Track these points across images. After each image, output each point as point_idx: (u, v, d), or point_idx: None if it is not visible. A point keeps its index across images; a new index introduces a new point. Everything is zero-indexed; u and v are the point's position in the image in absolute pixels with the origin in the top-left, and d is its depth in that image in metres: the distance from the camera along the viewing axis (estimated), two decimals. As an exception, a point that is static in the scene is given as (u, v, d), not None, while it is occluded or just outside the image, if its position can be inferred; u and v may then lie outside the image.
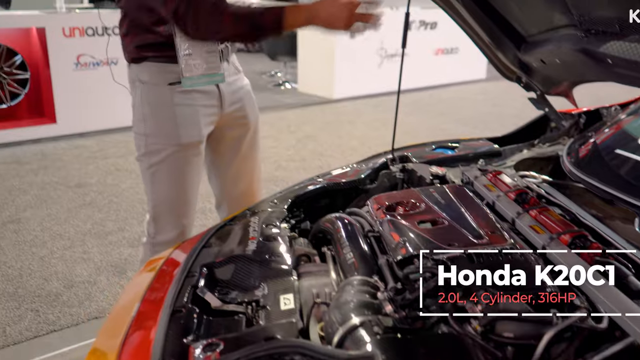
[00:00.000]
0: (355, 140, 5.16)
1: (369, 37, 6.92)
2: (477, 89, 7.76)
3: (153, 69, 1.69)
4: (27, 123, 5.07)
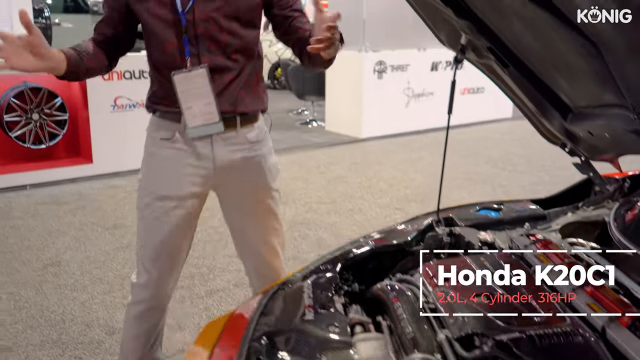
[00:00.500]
0: (383, 182, 5.20)
1: (396, 77, 7.03)
2: (504, 128, 7.79)
3: (154, 122, 1.83)
4: (64, 163, 5.21)
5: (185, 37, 1.68)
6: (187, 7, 1.66)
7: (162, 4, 1.66)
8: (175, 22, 1.67)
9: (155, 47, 1.73)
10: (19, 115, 5.00)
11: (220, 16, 1.67)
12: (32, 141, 5.09)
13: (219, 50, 1.70)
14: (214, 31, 1.68)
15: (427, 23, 1.78)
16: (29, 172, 4.99)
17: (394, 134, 7.15)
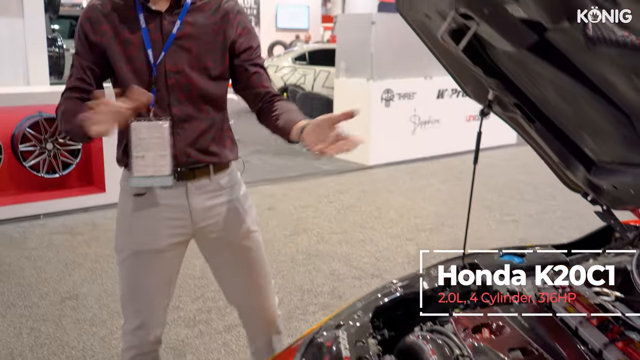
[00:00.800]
0: (393, 211, 5.25)
1: (403, 105, 7.11)
2: (508, 154, 7.85)
3: (126, 176, 1.80)
4: (77, 192, 5.27)
5: (153, 88, 1.70)
6: (158, 58, 1.70)
7: (137, 55, 1.69)
8: (145, 72, 1.70)
9: (123, 95, 1.71)
10: (33, 145, 5.06)
11: (190, 68, 1.71)
12: (45, 170, 5.15)
13: (189, 101, 1.73)
14: (184, 82, 1.72)
15: (452, 75, 1.84)
16: (43, 202, 5.03)
17: (401, 160, 7.22)
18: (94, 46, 1.70)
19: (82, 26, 1.73)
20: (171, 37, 1.70)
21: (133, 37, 1.69)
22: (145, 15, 1.70)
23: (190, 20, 1.72)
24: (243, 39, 1.78)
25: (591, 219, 5.33)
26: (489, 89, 1.62)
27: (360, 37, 6.94)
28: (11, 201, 4.98)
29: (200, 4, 1.74)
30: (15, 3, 6.04)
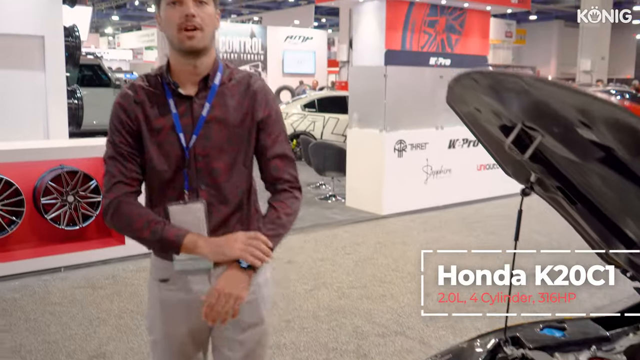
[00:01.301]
0: (410, 264, 5.28)
1: (416, 155, 7.21)
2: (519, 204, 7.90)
3: (152, 261, 1.87)
4: (97, 245, 5.31)
5: (185, 171, 1.72)
6: (190, 142, 1.71)
7: (170, 139, 1.71)
8: (178, 156, 1.71)
9: (155, 179, 1.75)
10: (55, 197, 5.13)
11: (219, 151, 1.73)
12: (66, 223, 5.21)
13: (216, 185, 1.74)
14: (213, 166, 1.73)
15: (493, 156, 1.91)
16: (64, 255, 5.08)
17: (414, 210, 7.27)
18: (130, 132, 1.71)
19: (117, 115, 1.74)
20: (201, 120, 1.72)
21: (164, 122, 1.72)
22: (175, 100, 1.73)
23: (219, 102, 1.74)
24: (269, 123, 1.79)
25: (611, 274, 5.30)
26: (532, 172, 1.69)
27: (373, 88, 7.08)
28: (33, 254, 5.03)
29: (229, 84, 1.76)
30: (38, 57, 6.21)
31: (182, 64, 1.70)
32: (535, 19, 37.36)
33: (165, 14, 1.66)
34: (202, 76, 1.72)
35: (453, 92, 1.46)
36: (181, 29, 1.63)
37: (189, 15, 1.61)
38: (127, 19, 41.11)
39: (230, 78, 1.77)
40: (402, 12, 13.57)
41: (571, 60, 38.34)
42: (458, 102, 1.55)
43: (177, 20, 1.63)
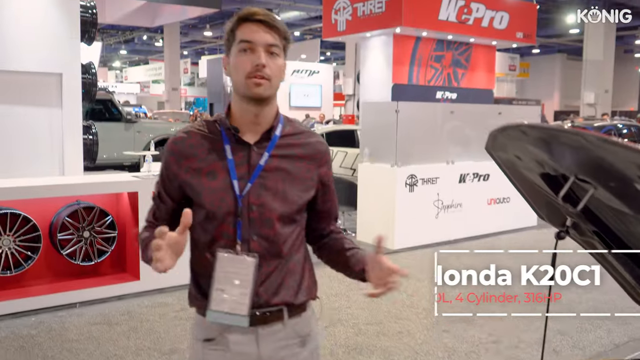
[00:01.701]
0: (425, 300, 5.26)
1: (427, 190, 7.23)
2: (530, 237, 7.91)
3: (196, 319, 1.76)
4: (112, 280, 5.32)
5: (239, 221, 1.65)
6: (244, 190, 1.66)
7: (223, 186, 1.66)
8: (230, 204, 1.65)
9: (205, 228, 1.69)
10: (71, 233, 5.16)
11: (273, 203, 1.67)
12: (81, 258, 5.23)
13: (268, 237, 1.67)
14: (266, 217, 1.66)
15: (528, 201, 1.94)
16: (79, 291, 5.08)
17: (425, 244, 7.27)
18: (176, 180, 1.69)
19: (167, 159, 1.71)
20: (258, 169, 1.67)
21: (219, 168, 1.67)
22: (232, 147, 1.68)
23: (278, 153, 1.70)
24: (328, 184, 1.80)
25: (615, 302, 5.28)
26: (568, 216, 1.71)
27: (385, 123, 7.15)
28: (48, 290, 5.03)
29: (289, 138, 1.73)
30: (56, 94, 6.31)
31: (245, 111, 1.67)
32: (538, 52, 37.78)
33: (236, 60, 1.64)
34: (262, 125, 1.69)
35: (496, 140, 1.50)
36: (250, 76, 1.60)
37: (260, 65, 1.60)
38: (134, 53, 41.70)
39: (291, 132, 1.74)
40: (409, 47, 13.74)
41: (574, 93, 38.63)
42: (498, 149, 1.59)
43: (247, 68, 1.61)
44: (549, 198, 1.68)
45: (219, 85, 18.31)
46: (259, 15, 1.63)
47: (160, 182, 1.74)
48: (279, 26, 1.65)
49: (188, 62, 35.74)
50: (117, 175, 5.81)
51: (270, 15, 1.65)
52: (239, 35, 1.64)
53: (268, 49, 1.63)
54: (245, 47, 1.62)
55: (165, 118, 20.94)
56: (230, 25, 1.68)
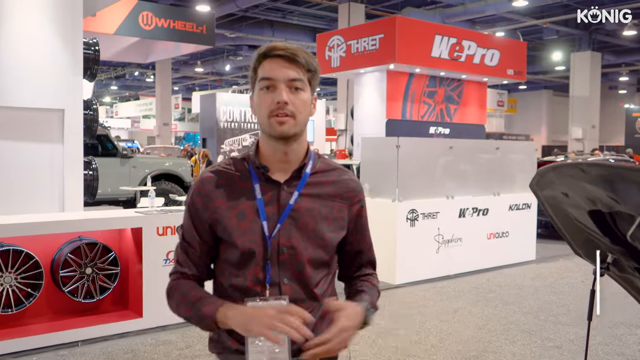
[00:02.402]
0: (432, 336, 5.21)
1: (428, 224, 7.23)
2: (530, 272, 7.90)
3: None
4: (114, 318, 5.22)
5: (268, 264, 1.58)
6: (273, 231, 1.59)
7: (253, 227, 1.59)
8: (259, 246, 1.59)
9: (232, 271, 1.63)
10: (73, 270, 5.09)
11: (304, 244, 1.60)
12: (83, 295, 5.15)
13: (300, 281, 1.61)
14: (297, 260, 1.60)
15: (566, 239, 1.94)
16: (81, 329, 4.98)
17: (427, 279, 7.25)
18: (204, 223, 1.64)
19: (194, 200, 1.66)
20: (288, 209, 1.61)
21: (247, 208, 1.61)
22: (262, 186, 1.63)
23: (309, 192, 1.64)
24: (362, 223, 1.74)
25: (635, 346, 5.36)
26: (609, 253, 1.71)
27: (385, 159, 7.19)
28: (49, 328, 4.92)
29: (320, 175, 1.67)
30: (57, 130, 6.29)
31: (273, 149, 1.62)
32: (525, 89, 38.42)
33: (258, 98, 1.60)
34: (292, 163, 1.63)
35: (544, 177, 1.51)
36: (272, 114, 1.56)
37: (281, 102, 1.54)
38: (125, 89, 41.92)
39: (322, 168, 1.68)
40: (403, 83, 13.92)
41: (561, 128, 39.25)
42: (544, 187, 1.60)
43: (269, 106, 1.56)
44: (590, 235, 1.69)
45: (212, 120, 18.43)
46: (278, 50, 1.58)
47: (189, 224, 1.66)
48: (300, 60, 1.58)
49: (179, 98, 35.93)
50: (120, 211, 5.78)
51: (290, 49, 1.59)
52: (260, 72, 1.59)
53: (290, 84, 1.57)
54: (266, 84, 1.57)
55: (157, 153, 20.91)
56: (252, 64, 1.63)
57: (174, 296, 1.66)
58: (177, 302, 1.65)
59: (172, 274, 1.71)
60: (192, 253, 1.67)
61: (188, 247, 1.67)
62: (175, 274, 1.70)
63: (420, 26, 13.77)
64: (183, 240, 1.69)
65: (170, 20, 16.98)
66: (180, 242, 1.70)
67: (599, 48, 27.67)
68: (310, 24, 25.94)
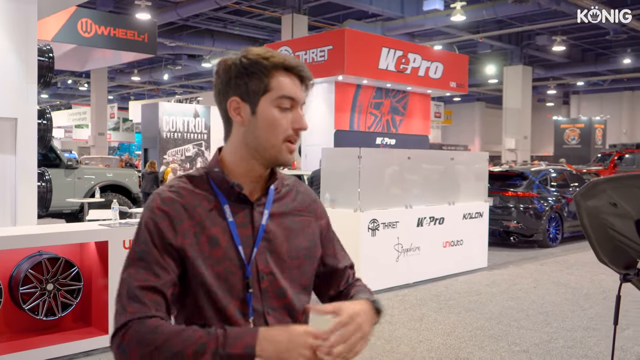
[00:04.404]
0: (403, 344, 5.27)
1: (388, 234, 7.32)
2: (485, 279, 8.12)
3: None
4: (78, 335, 5.01)
5: (249, 293, 1.40)
6: (250, 257, 1.41)
7: (226, 254, 1.39)
8: (237, 275, 1.40)
9: (206, 308, 1.38)
10: (34, 286, 4.86)
11: (283, 269, 1.45)
12: (44, 313, 4.91)
13: (285, 309, 1.45)
14: (278, 286, 1.44)
15: (593, 245, 2.01)
16: (43, 348, 4.74)
17: (388, 288, 7.34)
18: (172, 250, 1.36)
19: (157, 224, 1.37)
20: (261, 231, 1.44)
21: (219, 233, 1.40)
22: (231, 206, 1.43)
23: (277, 210, 1.49)
24: (329, 235, 1.64)
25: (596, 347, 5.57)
26: (639, 259, 1.80)
27: (346, 169, 7.25)
28: (9, 348, 4.66)
29: (282, 190, 1.52)
30: (10, 139, 6.03)
31: (250, 169, 1.45)
32: (459, 100, 39.62)
33: (273, 117, 1.40)
34: (261, 181, 1.47)
35: (595, 189, 1.57)
36: (288, 140, 1.40)
37: (304, 129, 1.42)
38: (56, 97, 40.49)
39: (282, 183, 1.53)
40: (350, 95, 14.10)
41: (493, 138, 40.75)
42: (590, 197, 1.66)
43: (285, 130, 1.40)
44: (622, 243, 1.77)
45: (154, 130, 18.04)
46: (303, 71, 1.43)
47: (151, 251, 1.35)
48: (310, 86, 1.47)
49: (115, 107, 35.01)
50: (83, 224, 5.55)
51: (310, 73, 1.45)
52: (277, 86, 1.39)
53: (302, 108, 1.45)
54: (287, 104, 1.40)
55: (94, 164, 20.27)
56: (258, 68, 1.40)
57: (161, 346, 1.26)
58: (170, 349, 1.26)
59: (127, 324, 1.30)
60: (155, 287, 1.33)
61: (149, 279, 1.33)
62: (129, 323, 1.29)
63: (368, 39, 14.00)
64: (138, 274, 1.34)
65: (110, 27, 16.57)
66: (131, 280, 1.34)
67: (530, 62, 28.94)
68: (252, 34, 25.91)
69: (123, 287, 1.34)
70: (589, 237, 1.93)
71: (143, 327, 1.28)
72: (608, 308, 6.60)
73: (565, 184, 11.84)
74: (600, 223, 1.75)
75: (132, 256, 1.37)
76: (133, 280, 1.33)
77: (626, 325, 5.82)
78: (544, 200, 10.96)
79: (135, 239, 1.39)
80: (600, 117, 34.72)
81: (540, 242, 10.91)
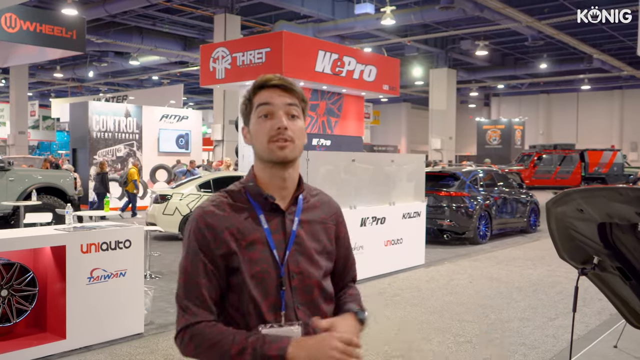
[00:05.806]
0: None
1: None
2: (424, 275, 8.54)
3: None
4: (34, 341, 4.96)
5: (282, 290, 1.61)
6: (284, 258, 1.63)
7: (264, 257, 1.62)
8: (272, 276, 1.62)
9: (245, 301, 1.61)
10: (-13, 293, 4.79)
11: (310, 268, 1.66)
12: (-2, 320, 4.85)
13: (312, 304, 1.65)
14: (307, 283, 1.65)
15: (555, 242, 2.30)
16: None
17: (334, 286, 7.59)
18: (218, 258, 1.60)
19: (203, 235, 1.61)
20: (292, 236, 1.66)
21: (257, 239, 1.62)
22: (266, 215, 1.66)
23: (306, 217, 1.71)
24: (345, 244, 1.82)
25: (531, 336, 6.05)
26: (596, 256, 2.10)
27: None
28: (-37, 357, 4.60)
29: (310, 199, 1.75)
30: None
31: (270, 176, 1.66)
32: (386, 101, 40.58)
33: (255, 127, 1.65)
34: (289, 190, 1.68)
35: (568, 197, 1.85)
36: (272, 140, 1.61)
37: (281, 127, 1.60)
38: (-29, 93, 38.38)
39: (310, 193, 1.76)
40: (287, 96, 14.22)
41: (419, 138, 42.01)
42: (561, 204, 1.95)
43: (268, 132, 1.61)
44: (582, 243, 2.07)
45: (83, 130, 17.54)
46: (274, 81, 1.65)
47: (199, 260, 1.60)
48: (295, 89, 1.66)
49: (35, 104, 33.61)
50: (38, 229, 5.47)
51: (286, 79, 1.66)
52: (257, 100, 1.65)
53: (288, 110, 1.63)
54: (265, 111, 1.62)
55: (18, 164, 19.46)
56: (246, 95, 1.68)
57: (206, 341, 1.55)
58: (218, 349, 1.53)
59: (187, 326, 1.58)
60: (205, 291, 1.59)
61: (201, 285, 1.59)
62: (192, 325, 1.58)
63: (304, 42, 14.20)
64: (200, 278, 1.60)
65: (36, 23, 15.97)
66: (191, 285, 1.60)
67: (454, 65, 30.10)
68: (181, 32, 25.61)
69: (181, 291, 1.61)
70: (553, 237, 2.23)
71: (198, 330, 1.56)
72: (539, 300, 7.14)
73: (493, 184, 12.52)
74: (564, 226, 2.05)
75: (186, 265, 1.63)
76: (189, 286, 1.60)
77: (555, 315, 6.34)
78: (474, 199, 11.56)
79: (186, 251, 1.63)
80: (519, 119, 36.54)
81: (472, 240, 11.49)
